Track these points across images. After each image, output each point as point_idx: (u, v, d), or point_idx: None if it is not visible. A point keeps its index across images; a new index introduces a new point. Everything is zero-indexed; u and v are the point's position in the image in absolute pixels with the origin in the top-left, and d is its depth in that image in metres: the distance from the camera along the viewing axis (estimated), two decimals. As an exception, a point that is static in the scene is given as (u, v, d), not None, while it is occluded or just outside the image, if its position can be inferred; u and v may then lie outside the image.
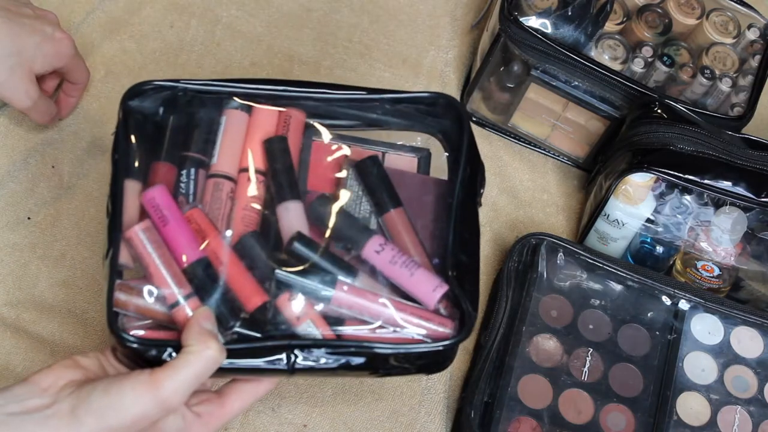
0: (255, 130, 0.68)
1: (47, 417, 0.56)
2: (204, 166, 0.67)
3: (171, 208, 0.63)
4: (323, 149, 0.70)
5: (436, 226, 0.68)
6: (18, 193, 0.84)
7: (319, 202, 0.67)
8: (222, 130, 0.68)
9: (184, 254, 0.62)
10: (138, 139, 0.65)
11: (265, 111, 0.68)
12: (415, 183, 0.71)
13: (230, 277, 0.63)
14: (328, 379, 0.81)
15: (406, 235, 0.67)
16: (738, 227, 0.84)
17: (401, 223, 0.68)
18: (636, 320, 0.85)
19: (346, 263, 0.65)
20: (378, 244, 0.65)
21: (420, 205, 0.69)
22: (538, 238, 0.86)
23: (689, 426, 0.81)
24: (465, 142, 0.68)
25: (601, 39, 0.90)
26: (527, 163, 0.98)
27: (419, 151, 0.73)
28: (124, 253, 0.62)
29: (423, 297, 0.65)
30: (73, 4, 0.95)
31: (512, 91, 0.94)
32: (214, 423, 0.62)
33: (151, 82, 0.66)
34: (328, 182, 0.69)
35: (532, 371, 0.81)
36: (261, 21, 0.99)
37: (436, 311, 0.65)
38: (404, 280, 0.65)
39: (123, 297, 0.61)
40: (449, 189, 0.69)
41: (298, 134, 0.69)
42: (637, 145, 0.83)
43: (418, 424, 0.81)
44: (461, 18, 1.05)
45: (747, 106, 0.89)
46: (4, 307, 0.79)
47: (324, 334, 0.63)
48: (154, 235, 0.62)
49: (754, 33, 0.92)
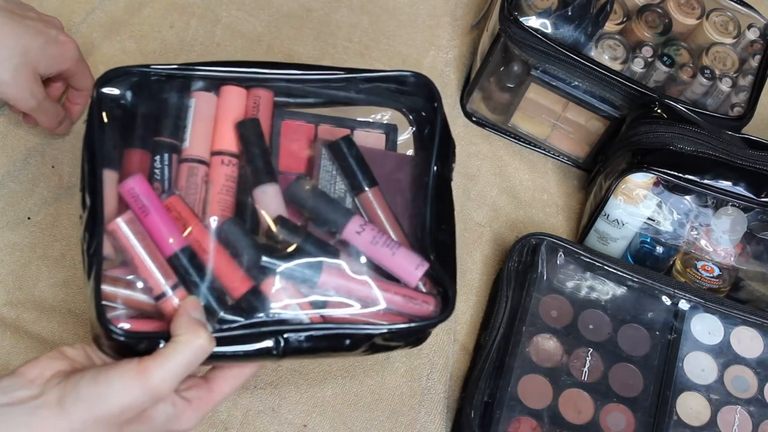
0: (225, 111, 0.68)
1: (35, 407, 0.56)
2: (177, 151, 0.66)
3: (150, 197, 0.62)
4: (293, 129, 0.70)
5: (412, 204, 0.69)
6: (18, 193, 0.84)
7: (296, 185, 0.66)
8: (192, 113, 0.67)
9: (168, 244, 0.62)
10: (110, 127, 0.65)
11: (234, 91, 0.68)
12: (385, 160, 0.70)
13: (215, 264, 0.62)
14: (327, 380, 0.81)
15: (383, 214, 0.67)
16: (738, 227, 0.84)
17: (378, 203, 0.68)
18: (636, 320, 0.85)
19: (329, 246, 0.65)
20: (358, 225, 0.65)
21: (393, 182, 0.69)
22: (538, 238, 0.86)
23: (689, 426, 0.81)
24: (439, 119, 0.69)
25: (601, 39, 0.90)
26: (527, 163, 0.98)
27: (386, 127, 0.72)
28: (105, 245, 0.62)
29: (405, 276, 0.65)
30: (73, 4, 0.95)
31: (512, 91, 0.94)
32: (203, 407, 0.62)
33: (122, 69, 0.65)
34: (300, 162, 0.69)
35: (532, 371, 0.81)
36: (261, 21, 0.99)
37: (417, 289, 0.65)
38: (386, 260, 0.65)
39: (109, 289, 0.61)
40: (421, 165, 0.69)
41: (268, 114, 0.69)
42: (637, 145, 0.83)
43: (418, 424, 0.81)
44: (461, 18, 1.05)
45: (747, 106, 0.89)
46: (4, 307, 0.79)
47: (311, 318, 0.63)
48: (137, 226, 0.62)
49: (754, 33, 0.92)
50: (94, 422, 0.57)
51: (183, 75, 0.67)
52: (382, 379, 0.82)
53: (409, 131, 0.71)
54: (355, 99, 0.71)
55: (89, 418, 0.56)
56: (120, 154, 0.65)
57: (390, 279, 0.66)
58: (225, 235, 0.63)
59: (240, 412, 0.78)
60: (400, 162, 0.71)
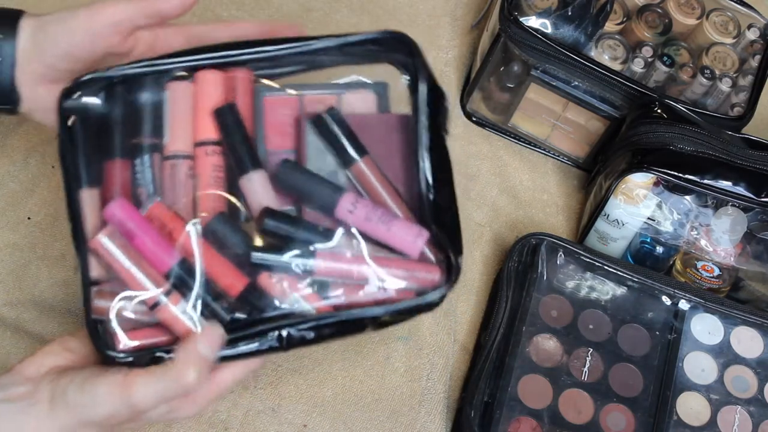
0: (202, 98, 0.65)
1: (29, 405, 0.57)
2: (158, 150, 0.64)
3: (134, 219, 0.60)
4: (276, 104, 0.67)
5: (410, 166, 0.66)
6: (18, 193, 0.84)
7: (283, 169, 0.64)
8: (167, 106, 0.65)
9: (160, 262, 0.60)
10: (85, 138, 0.63)
11: (209, 76, 0.65)
12: (378, 123, 0.67)
13: (207, 267, 0.61)
14: (327, 380, 0.81)
15: (379, 184, 0.65)
16: (738, 227, 0.84)
17: (371, 173, 0.65)
18: (636, 320, 0.85)
19: (322, 229, 0.63)
20: (350, 203, 0.63)
21: (388, 147, 0.66)
22: (538, 238, 0.86)
23: (689, 426, 0.81)
24: (423, 73, 0.65)
25: (601, 39, 0.90)
26: (527, 163, 0.98)
27: (376, 86, 0.69)
28: (95, 267, 0.61)
29: (406, 248, 0.63)
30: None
31: (512, 91, 0.94)
32: (202, 400, 0.62)
33: (85, 77, 0.62)
34: (287, 138, 0.67)
35: (532, 371, 0.81)
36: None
37: (421, 258, 0.63)
38: (383, 235, 0.63)
39: (102, 304, 0.60)
40: (415, 125, 0.65)
41: (248, 95, 0.66)
42: (637, 145, 0.83)
43: (418, 424, 0.81)
44: (461, 18, 1.05)
45: (747, 106, 0.89)
46: (4, 307, 0.79)
47: (314, 305, 0.62)
48: (119, 239, 0.60)
49: (754, 33, 0.92)
50: (82, 425, 0.57)
51: (153, 71, 0.64)
52: (382, 379, 0.82)
53: (404, 81, 0.67)
54: (335, 62, 0.67)
55: (75, 423, 0.57)
56: (100, 168, 0.63)
57: (392, 252, 0.63)
58: (212, 234, 0.62)
59: (240, 412, 0.78)
60: (394, 123, 0.67)
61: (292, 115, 0.67)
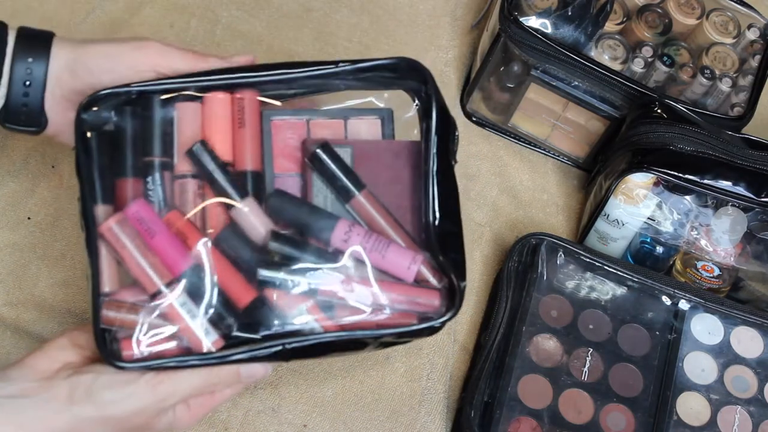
0: (210, 119, 0.66)
1: (45, 401, 0.58)
2: (168, 168, 0.65)
3: (154, 219, 0.62)
4: (284, 127, 0.68)
5: (414, 193, 0.67)
6: (18, 193, 0.84)
7: (273, 201, 0.65)
8: (176, 126, 0.66)
9: (174, 263, 0.62)
10: (100, 154, 0.64)
11: (217, 98, 0.66)
12: (383, 150, 0.68)
13: (219, 276, 0.62)
14: (327, 380, 0.81)
15: (378, 215, 0.66)
16: (738, 227, 0.84)
17: (371, 206, 0.66)
18: (636, 320, 0.85)
19: (327, 252, 0.64)
20: (343, 233, 0.64)
21: (393, 173, 0.67)
22: (538, 238, 0.86)
23: (689, 426, 0.81)
24: (434, 101, 0.66)
25: (601, 39, 0.90)
26: (527, 163, 0.98)
27: (381, 113, 0.70)
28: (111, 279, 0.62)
29: (401, 274, 0.64)
30: (73, 4, 0.95)
31: (512, 91, 0.94)
32: (202, 411, 0.63)
33: (102, 92, 0.64)
34: (295, 162, 0.68)
35: (532, 371, 0.81)
36: (261, 21, 0.99)
37: (423, 283, 0.64)
38: (379, 263, 0.64)
39: (112, 314, 0.61)
40: (421, 151, 0.66)
41: (256, 117, 0.67)
42: (637, 145, 0.83)
43: (418, 424, 0.81)
44: (461, 18, 1.05)
45: (747, 106, 0.89)
46: (4, 307, 0.79)
47: (319, 321, 0.63)
48: (128, 228, 0.61)
49: (754, 33, 0.92)
50: (104, 420, 0.58)
51: (166, 89, 0.65)
52: (382, 379, 0.82)
53: (414, 108, 0.68)
54: (350, 87, 0.68)
55: (98, 417, 0.58)
56: (112, 184, 0.64)
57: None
58: (224, 245, 0.63)
59: (240, 412, 0.78)
60: (399, 150, 0.68)
61: (299, 138, 0.68)
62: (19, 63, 0.65)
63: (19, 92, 0.66)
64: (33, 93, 0.66)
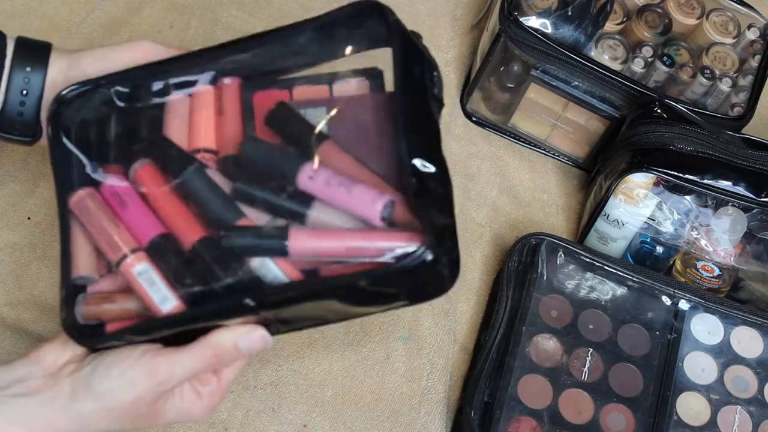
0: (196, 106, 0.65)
1: (50, 398, 0.58)
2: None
3: (128, 192, 0.62)
4: (267, 99, 0.66)
5: (391, 140, 0.63)
6: (18, 193, 0.84)
7: (246, 146, 0.64)
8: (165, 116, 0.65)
9: (143, 234, 0.61)
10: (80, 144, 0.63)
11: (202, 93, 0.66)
12: (363, 105, 0.66)
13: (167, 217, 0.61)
14: (327, 380, 0.81)
15: (344, 165, 0.62)
16: (738, 227, 0.84)
17: (334, 156, 0.63)
18: (636, 320, 0.85)
19: (291, 209, 0.61)
20: (310, 170, 0.61)
21: (370, 125, 0.64)
22: (538, 238, 0.86)
23: (689, 426, 0.81)
24: (395, 33, 0.62)
25: (601, 39, 0.90)
26: (527, 163, 0.98)
27: (368, 72, 0.67)
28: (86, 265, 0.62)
29: (367, 213, 0.60)
30: (73, 3, 0.95)
31: (512, 91, 0.94)
32: (214, 400, 0.63)
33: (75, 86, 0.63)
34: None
35: (532, 371, 0.81)
36: (261, 21, 0.99)
37: (395, 226, 0.59)
38: (344, 200, 0.60)
39: (92, 308, 0.61)
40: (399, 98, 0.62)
41: (235, 100, 0.66)
42: (637, 145, 0.83)
43: (418, 424, 0.81)
44: (461, 18, 1.05)
45: (747, 106, 0.89)
46: (4, 307, 0.79)
47: (286, 272, 0.60)
48: (96, 201, 0.62)
49: (754, 33, 0.93)
50: (106, 411, 0.58)
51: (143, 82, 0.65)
52: (382, 379, 0.82)
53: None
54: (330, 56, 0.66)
55: (99, 409, 0.58)
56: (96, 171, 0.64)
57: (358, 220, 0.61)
58: (187, 187, 0.62)
59: (240, 412, 0.78)
60: (382, 102, 0.65)
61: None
62: (17, 72, 0.66)
63: (15, 101, 0.66)
64: (29, 102, 0.66)
